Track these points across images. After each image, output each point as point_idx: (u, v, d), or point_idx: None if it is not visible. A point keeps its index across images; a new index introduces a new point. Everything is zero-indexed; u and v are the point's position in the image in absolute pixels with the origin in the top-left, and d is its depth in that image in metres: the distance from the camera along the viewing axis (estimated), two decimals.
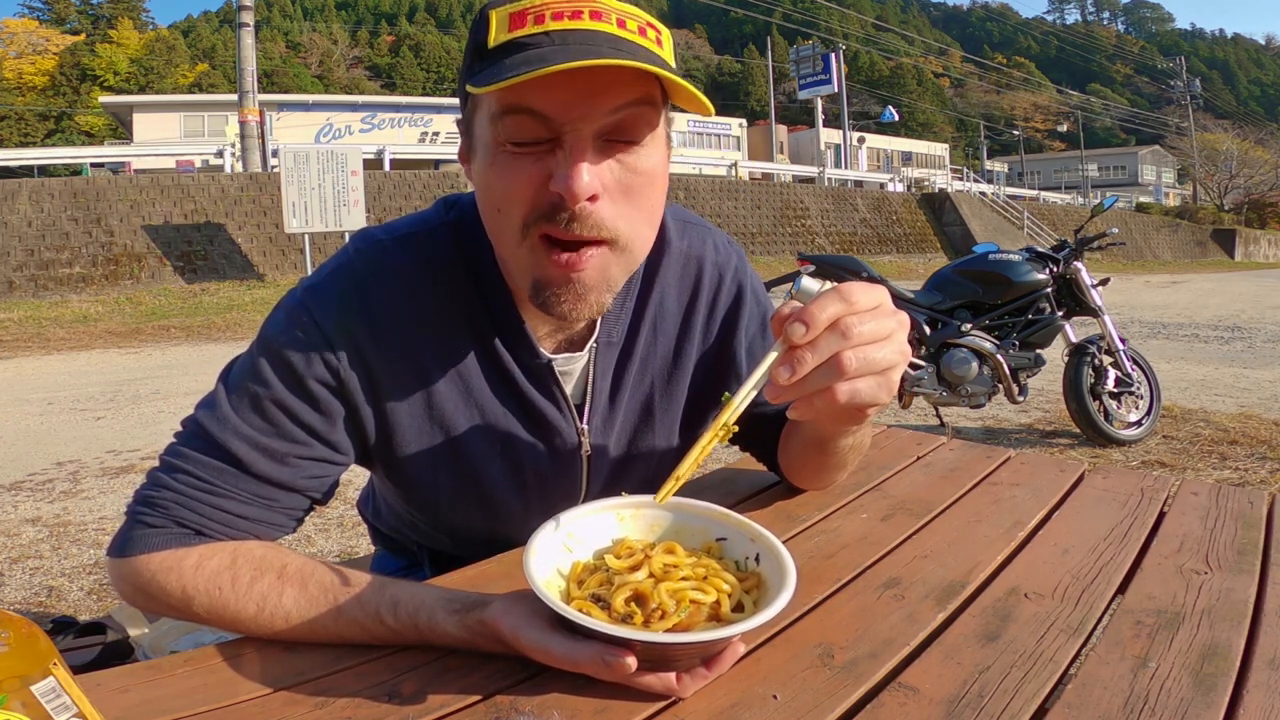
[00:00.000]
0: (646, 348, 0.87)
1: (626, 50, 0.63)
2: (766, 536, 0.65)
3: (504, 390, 0.82)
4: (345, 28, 79.20)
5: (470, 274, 0.79)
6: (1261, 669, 0.62)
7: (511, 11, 0.65)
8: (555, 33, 0.63)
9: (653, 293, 0.86)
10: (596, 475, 0.89)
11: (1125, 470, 1.12)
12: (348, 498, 3.23)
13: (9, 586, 2.53)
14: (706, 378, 0.92)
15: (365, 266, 0.77)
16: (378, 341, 0.75)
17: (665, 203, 0.77)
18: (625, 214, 0.69)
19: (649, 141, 0.68)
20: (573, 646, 0.57)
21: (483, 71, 0.65)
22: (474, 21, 0.69)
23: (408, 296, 0.77)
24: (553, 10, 0.64)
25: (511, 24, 0.65)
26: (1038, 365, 3.88)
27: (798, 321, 0.58)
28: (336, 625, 0.65)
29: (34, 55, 50.96)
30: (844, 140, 33.02)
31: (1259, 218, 42.41)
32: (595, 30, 0.64)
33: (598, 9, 0.65)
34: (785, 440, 0.95)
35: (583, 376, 0.85)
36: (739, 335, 0.91)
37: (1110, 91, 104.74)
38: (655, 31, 0.67)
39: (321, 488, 0.78)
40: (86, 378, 6.44)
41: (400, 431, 0.79)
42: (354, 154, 12.41)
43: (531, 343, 0.80)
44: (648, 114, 0.67)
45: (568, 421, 0.84)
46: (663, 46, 0.67)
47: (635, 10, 0.67)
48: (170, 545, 0.70)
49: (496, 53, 0.65)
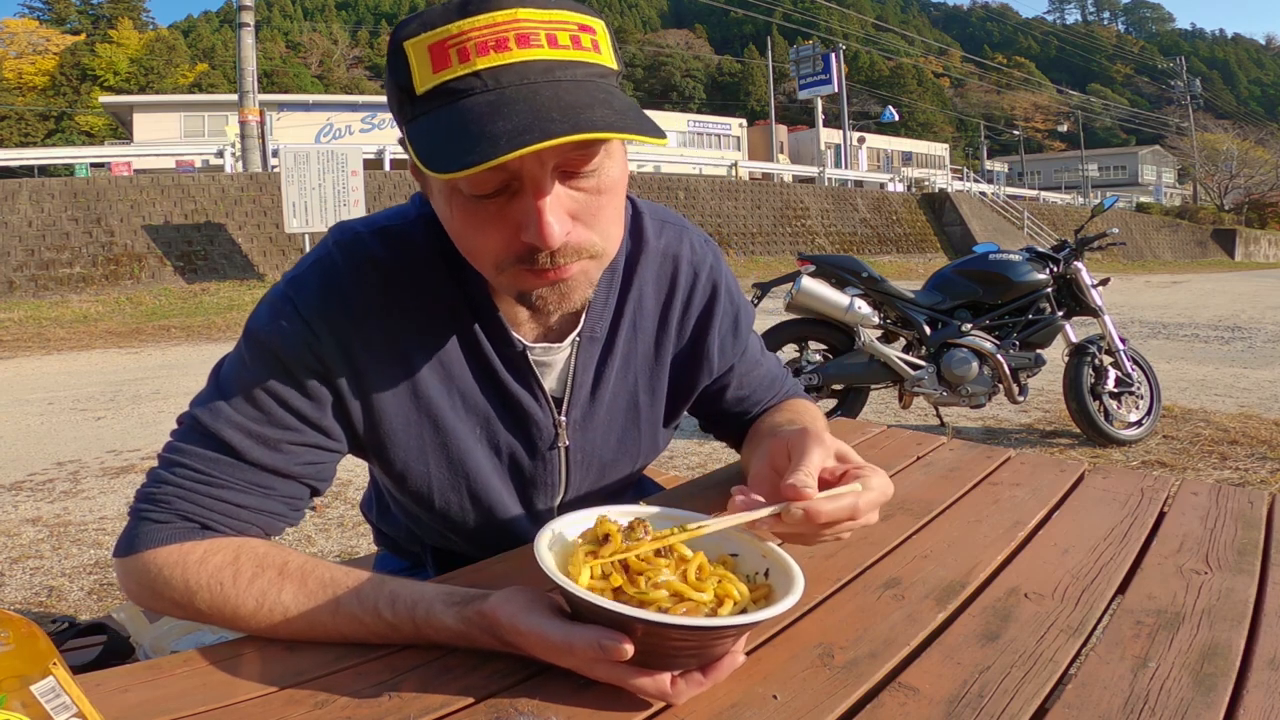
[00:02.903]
0: (627, 344, 0.88)
1: (567, 79, 0.62)
2: (776, 552, 0.65)
3: (483, 378, 0.83)
4: (345, 28, 79.22)
5: (447, 264, 0.79)
6: (1261, 669, 0.62)
7: (430, 44, 0.61)
8: (485, 72, 0.60)
9: (632, 289, 0.88)
10: (576, 470, 0.90)
11: (1125, 470, 1.12)
12: (348, 498, 3.23)
13: (9, 586, 2.53)
14: (680, 375, 0.94)
15: (344, 258, 0.78)
16: (360, 330, 0.76)
17: (658, 202, 0.78)
18: (598, 229, 0.69)
19: (605, 160, 0.67)
20: (570, 631, 0.57)
21: (418, 120, 0.63)
22: (389, 56, 0.65)
23: (387, 286, 0.78)
24: (475, 42, 0.60)
25: (434, 62, 0.61)
26: (1038, 365, 3.88)
27: (801, 509, 0.64)
28: (335, 621, 0.65)
29: (34, 55, 50.99)
30: (844, 140, 33.01)
31: (1259, 218, 42.40)
32: (528, 61, 0.61)
33: (523, 31, 0.61)
34: (747, 459, 0.98)
35: (564, 370, 0.86)
36: (712, 333, 0.93)
37: (1110, 91, 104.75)
38: (590, 34, 0.64)
39: (318, 475, 0.78)
40: (87, 378, 6.44)
41: (387, 419, 0.80)
42: (354, 154, 12.41)
43: (506, 331, 0.81)
44: (600, 144, 0.65)
45: (545, 412, 0.85)
46: (600, 49, 0.65)
47: (562, 15, 0.63)
48: (176, 539, 0.70)
49: (427, 100, 0.62)
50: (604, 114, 0.60)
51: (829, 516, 0.65)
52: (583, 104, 0.60)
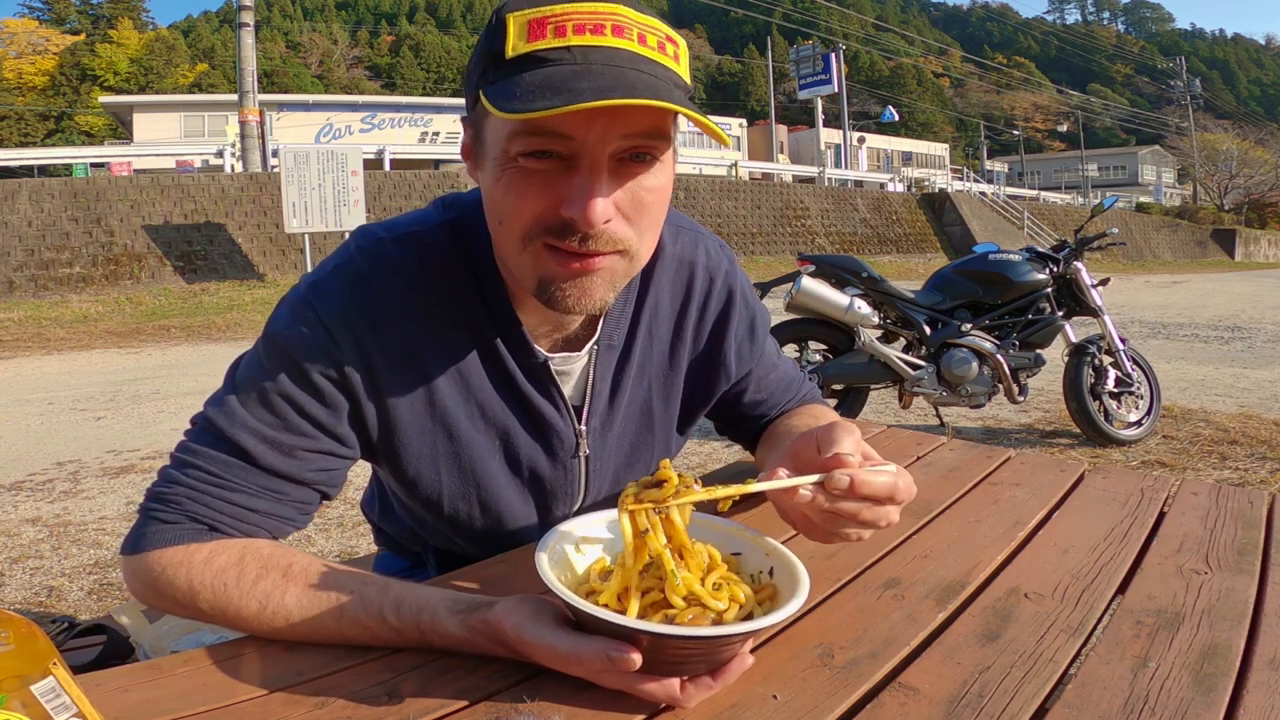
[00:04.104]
0: (643, 351, 0.88)
1: (649, 72, 0.64)
2: (780, 550, 0.65)
3: (503, 389, 0.82)
4: (345, 28, 79.23)
5: (469, 273, 0.79)
6: (1261, 669, 0.62)
7: (531, 19, 0.64)
8: (577, 49, 0.63)
9: (648, 296, 0.88)
10: (595, 478, 0.90)
11: (1125, 470, 1.12)
12: (348, 498, 3.23)
13: (9, 586, 2.53)
14: (696, 380, 0.94)
15: (367, 263, 0.77)
16: (380, 337, 0.76)
17: None
18: (637, 228, 0.70)
19: (658, 164, 0.69)
20: (576, 642, 0.57)
21: (499, 82, 0.64)
22: (490, 25, 0.67)
23: (408, 293, 0.77)
24: (574, 23, 0.63)
25: (530, 33, 0.63)
26: (1038, 365, 3.88)
27: (848, 476, 0.64)
28: (338, 624, 0.65)
29: (34, 55, 51.00)
30: (844, 140, 32.99)
31: (1259, 218, 42.40)
32: (618, 48, 0.63)
33: (620, 23, 0.64)
34: (762, 459, 0.99)
35: (582, 378, 0.86)
36: (728, 339, 0.93)
37: (1110, 91, 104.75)
38: (674, 46, 0.67)
39: (330, 481, 0.78)
40: (86, 378, 6.44)
41: (402, 427, 0.80)
42: (354, 154, 12.40)
43: (527, 341, 0.81)
44: (663, 139, 0.67)
45: (566, 422, 0.85)
46: (679, 61, 0.67)
47: (656, 23, 0.66)
48: (183, 540, 0.71)
49: (515, 65, 0.64)
50: (682, 99, 0.63)
51: (872, 488, 0.65)
52: (663, 89, 0.63)
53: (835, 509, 0.65)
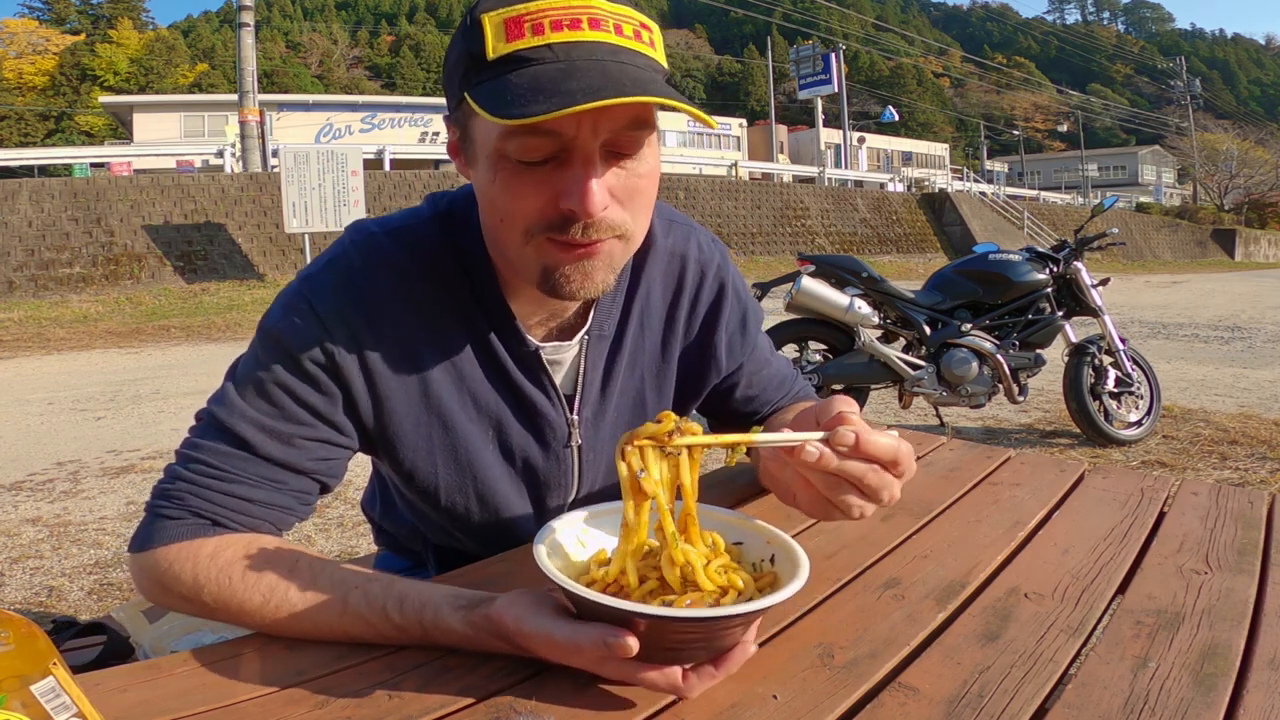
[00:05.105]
0: (635, 341, 0.89)
1: (630, 63, 0.65)
2: (781, 537, 0.65)
3: (496, 379, 0.83)
4: (345, 28, 79.23)
5: (460, 265, 0.81)
6: (1261, 669, 0.62)
7: (507, 18, 0.65)
8: (558, 46, 0.63)
9: (639, 288, 0.89)
10: (589, 469, 0.90)
11: (1125, 470, 1.12)
12: (348, 498, 3.23)
13: (9, 586, 2.53)
14: (688, 373, 0.95)
15: (360, 257, 0.79)
16: (373, 328, 0.77)
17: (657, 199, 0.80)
18: (631, 211, 0.72)
19: (647, 149, 0.70)
20: (575, 630, 0.57)
21: (484, 84, 0.65)
22: (464, 26, 0.68)
23: (401, 286, 0.79)
24: (551, 19, 0.64)
25: (508, 33, 0.64)
26: (1038, 365, 3.88)
27: (853, 432, 0.63)
28: (341, 620, 0.65)
29: (34, 55, 51.01)
30: (844, 140, 33.00)
31: (1259, 218, 42.40)
32: (598, 41, 0.64)
33: (595, 16, 0.65)
34: (756, 456, 0.98)
35: (573, 368, 0.87)
36: (719, 331, 0.95)
37: (1110, 91, 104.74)
38: (649, 32, 0.69)
39: (329, 471, 0.79)
40: (86, 378, 6.44)
41: (397, 418, 0.81)
42: (354, 154, 12.41)
43: (519, 331, 0.82)
44: (649, 127, 0.69)
45: (558, 412, 0.86)
46: (655, 47, 0.69)
47: (628, 11, 0.67)
48: (188, 536, 0.71)
49: (498, 66, 0.65)
50: (668, 91, 0.65)
51: (877, 447, 0.64)
52: (647, 81, 0.64)
53: (841, 469, 0.64)
